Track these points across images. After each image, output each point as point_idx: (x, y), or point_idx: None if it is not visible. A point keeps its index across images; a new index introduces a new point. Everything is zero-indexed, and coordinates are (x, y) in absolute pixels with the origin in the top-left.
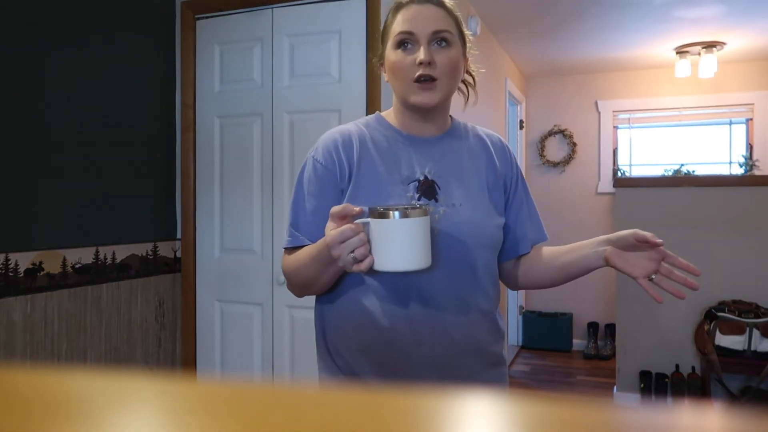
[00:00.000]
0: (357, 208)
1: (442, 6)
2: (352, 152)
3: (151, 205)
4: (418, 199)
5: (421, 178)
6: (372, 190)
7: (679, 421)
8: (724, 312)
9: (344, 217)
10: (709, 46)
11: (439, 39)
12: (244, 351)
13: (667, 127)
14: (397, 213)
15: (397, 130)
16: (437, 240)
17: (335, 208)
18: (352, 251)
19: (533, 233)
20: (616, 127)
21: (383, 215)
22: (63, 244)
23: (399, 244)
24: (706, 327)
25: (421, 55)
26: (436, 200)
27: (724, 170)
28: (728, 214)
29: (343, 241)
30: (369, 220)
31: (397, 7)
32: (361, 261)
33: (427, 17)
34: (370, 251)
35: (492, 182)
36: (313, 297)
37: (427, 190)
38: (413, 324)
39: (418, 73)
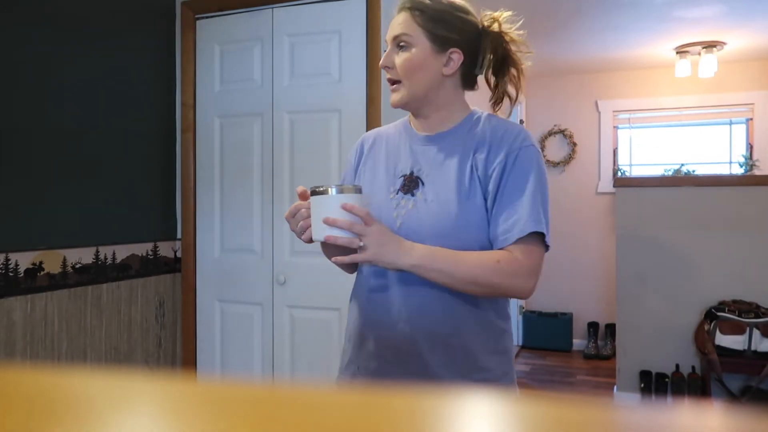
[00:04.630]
0: (301, 188)
1: (409, 10)
2: (364, 149)
3: (151, 205)
4: (396, 193)
5: (408, 173)
6: (367, 180)
7: (679, 421)
8: (724, 312)
9: (303, 196)
10: (709, 46)
11: (399, 43)
12: (244, 351)
13: (667, 127)
14: (333, 190)
15: (410, 128)
16: (398, 231)
17: (297, 190)
18: (298, 224)
19: (499, 225)
20: (616, 127)
21: (313, 192)
22: (63, 244)
23: (316, 216)
24: (706, 327)
25: (381, 60)
26: (413, 194)
27: (724, 170)
28: (728, 214)
29: (293, 216)
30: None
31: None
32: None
33: (395, 24)
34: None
35: (470, 184)
36: (311, 299)
37: (409, 184)
38: (390, 316)
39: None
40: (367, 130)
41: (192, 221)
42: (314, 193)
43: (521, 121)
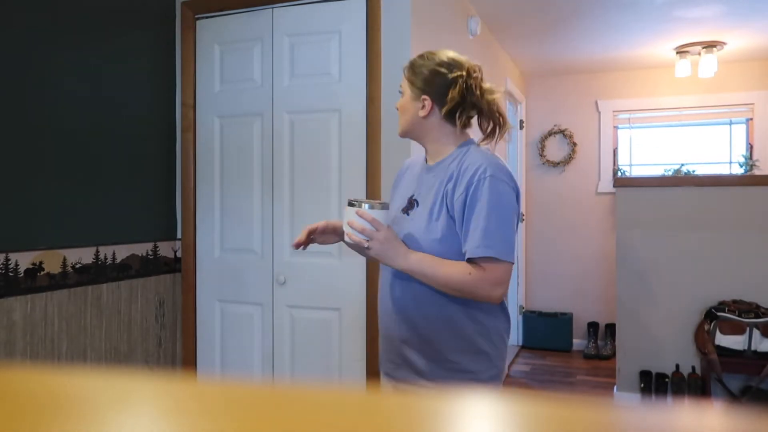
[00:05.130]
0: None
1: (407, 67)
2: (399, 174)
3: (151, 205)
4: (402, 211)
5: (411, 195)
6: (395, 199)
7: (679, 421)
8: (724, 312)
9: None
10: (709, 46)
11: (398, 90)
12: (244, 351)
13: (667, 127)
14: (366, 205)
15: (424, 159)
16: None
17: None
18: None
19: (467, 246)
20: (616, 127)
21: (348, 203)
22: (63, 244)
23: (345, 222)
24: (706, 327)
25: None
26: (408, 213)
27: (724, 170)
28: (728, 214)
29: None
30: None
31: None
32: None
33: None
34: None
35: (439, 209)
36: (311, 299)
37: (409, 205)
38: (386, 303)
39: None
40: (367, 130)
41: (192, 221)
42: (350, 204)
43: (521, 122)
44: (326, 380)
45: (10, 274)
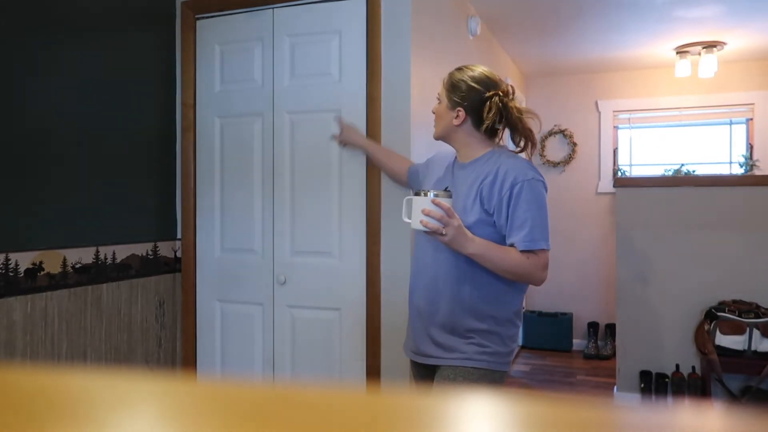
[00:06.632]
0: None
1: (446, 79)
2: (429, 164)
3: (151, 205)
4: None
5: (445, 187)
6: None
7: (679, 421)
8: (724, 312)
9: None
10: (709, 46)
11: (437, 97)
12: (245, 351)
13: (667, 127)
14: (431, 194)
15: (455, 157)
16: None
17: None
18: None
19: (511, 238)
20: (616, 127)
21: (416, 193)
22: (63, 244)
23: (416, 210)
24: (706, 327)
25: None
26: None
27: (724, 170)
28: (728, 214)
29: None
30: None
31: None
32: None
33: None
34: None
35: (473, 200)
36: (311, 299)
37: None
38: (414, 284)
39: None
40: (367, 130)
41: (192, 221)
42: (416, 193)
43: None
44: (326, 380)
45: (10, 274)
